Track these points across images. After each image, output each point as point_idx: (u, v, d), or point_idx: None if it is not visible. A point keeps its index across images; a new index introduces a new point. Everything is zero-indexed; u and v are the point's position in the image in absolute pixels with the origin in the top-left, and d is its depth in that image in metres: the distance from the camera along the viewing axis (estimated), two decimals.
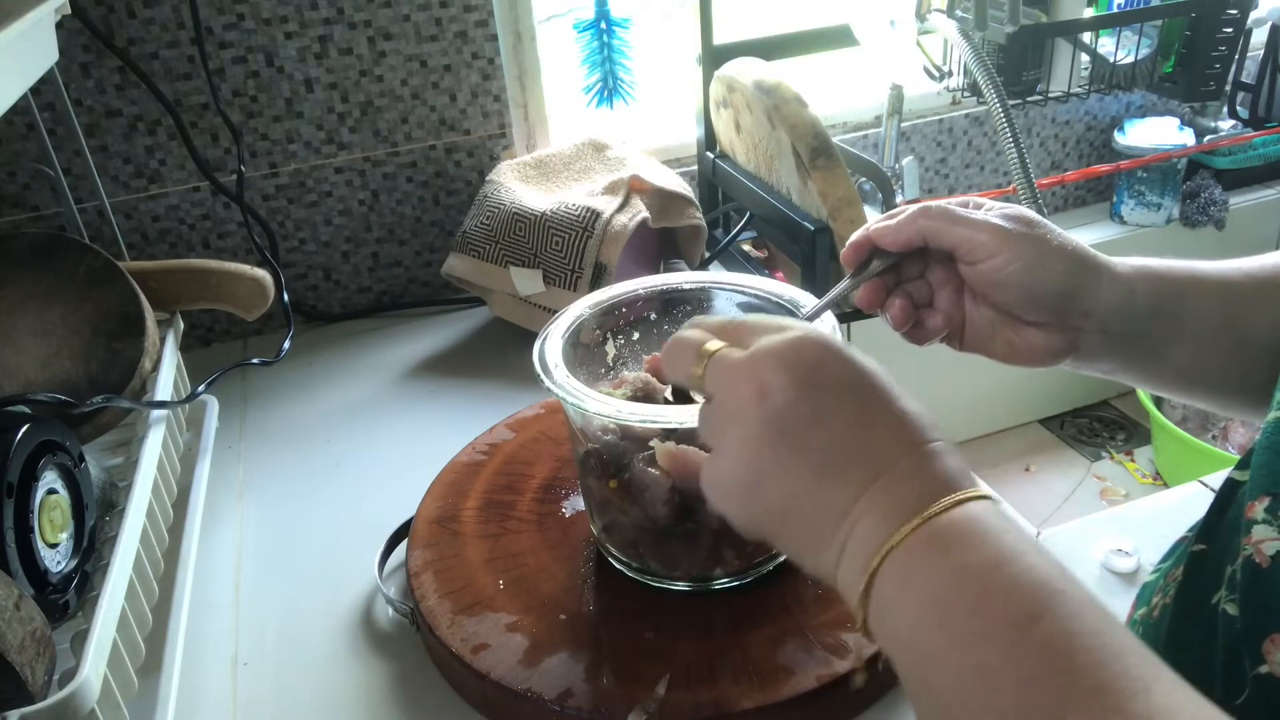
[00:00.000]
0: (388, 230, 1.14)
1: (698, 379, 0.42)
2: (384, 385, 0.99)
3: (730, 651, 0.59)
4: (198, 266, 0.89)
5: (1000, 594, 0.32)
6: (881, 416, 0.38)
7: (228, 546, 0.78)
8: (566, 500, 0.73)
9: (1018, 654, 0.31)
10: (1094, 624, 0.31)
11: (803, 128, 0.86)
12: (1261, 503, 0.40)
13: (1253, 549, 0.39)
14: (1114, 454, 1.44)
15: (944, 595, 0.33)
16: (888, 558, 0.35)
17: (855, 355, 0.40)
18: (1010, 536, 0.34)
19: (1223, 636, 0.40)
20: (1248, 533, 0.39)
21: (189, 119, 1.02)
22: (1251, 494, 0.41)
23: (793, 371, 0.38)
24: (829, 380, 0.38)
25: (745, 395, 0.39)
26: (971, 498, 0.36)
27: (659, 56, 1.24)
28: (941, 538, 0.35)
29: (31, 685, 0.48)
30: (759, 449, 0.38)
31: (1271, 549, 0.38)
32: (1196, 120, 1.42)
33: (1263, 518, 0.39)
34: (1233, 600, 0.40)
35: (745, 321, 0.43)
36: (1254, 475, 0.41)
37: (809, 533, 0.38)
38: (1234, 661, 0.39)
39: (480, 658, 0.60)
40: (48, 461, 0.59)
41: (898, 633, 0.35)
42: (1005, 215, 0.50)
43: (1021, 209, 0.51)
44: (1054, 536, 0.72)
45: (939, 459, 0.37)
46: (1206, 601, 0.42)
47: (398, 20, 1.04)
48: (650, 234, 1.06)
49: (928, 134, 1.35)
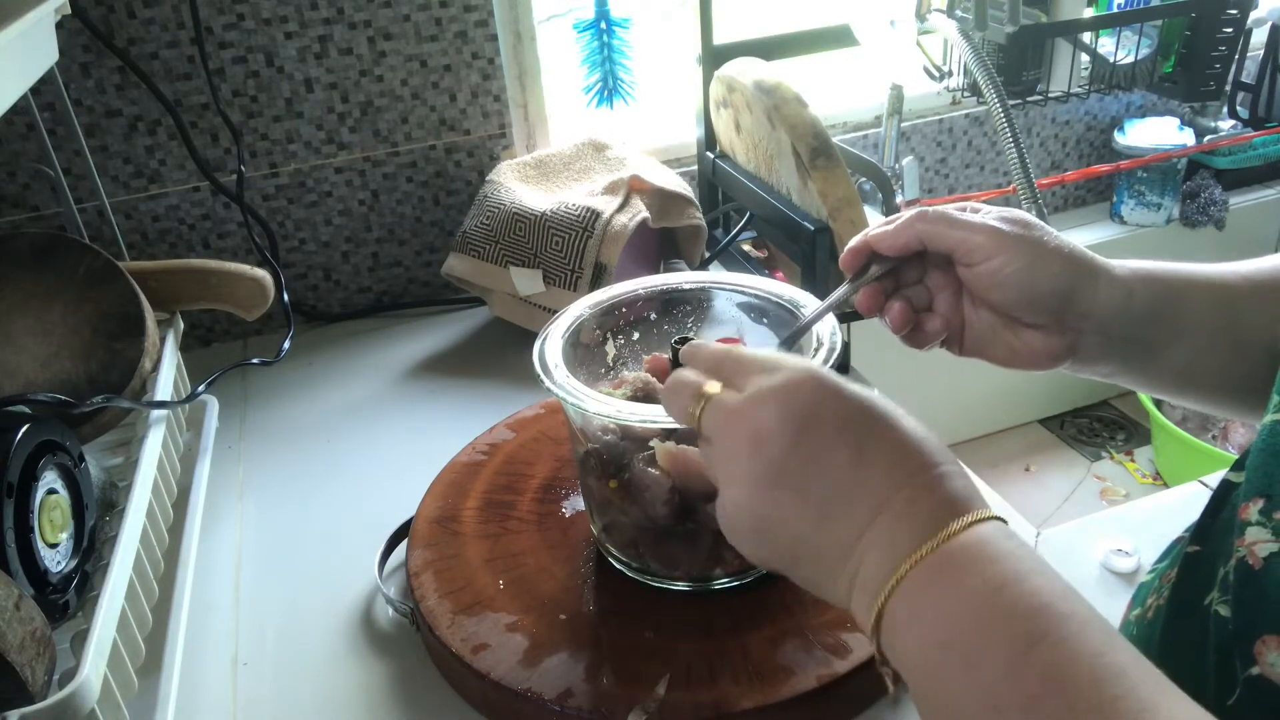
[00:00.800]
0: (388, 230, 1.14)
1: (696, 421, 0.42)
2: (384, 385, 0.99)
3: (730, 651, 0.59)
4: (198, 266, 0.89)
5: (1003, 617, 0.33)
6: (879, 451, 0.38)
7: (228, 546, 0.78)
8: (566, 500, 0.73)
9: (1021, 676, 0.31)
10: (1096, 645, 0.31)
11: (803, 128, 0.86)
12: (1256, 504, 0.40)
13: (1246, 550, 0.39)
14: (1114, 454, 1.44)
15: (949, 621, 0.34)
16: (894, 592, 0.36)
17: (850, 390, 0.40)
18: (1013, 559, 0.35)
19: (1214, 638, 0.40)
20: (1241, 534, 0.39)
21: (189, 119, 1.02)
22: (1246, 495, 0.41)
23: (787, 416, 0.38)
24: (824, 421, 0.38)
25: (742, 442, 0.39)
26: (976, 520, 0.36)
27: (659, 56, 1.24)
28: (946, 565, 0.35)
29: (31, 685, 0.48)
30: (760, 495, 0.39)
31: (1265, 550, 0.38)
32: (1196, 120, 1.42)
33: (1257, 519, 0.39)
34: (1225, 602, 0.40)
35: (741, 359, 0.43)
36: (1249, 477, 0.41)
37: (819, 570, 0.39)
38: (1225, 663, 0.39)
39: (480, 658, 0.60)
40: (48, 461, 0.59)
41: (908, 658, 0.35)
42: (1002, 218, 0.50)
43: (1018, 212, 0.51)
44: (1054, 536, 0.72)
45: (940, 486, 0.37)
46: (1199, 603, 0.42)
47: (398, 20, 1.04)
48: (650, 234, 1.06)
49: (928, 134, 1.35)
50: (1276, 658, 0.36)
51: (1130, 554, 0.68)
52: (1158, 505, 0.75)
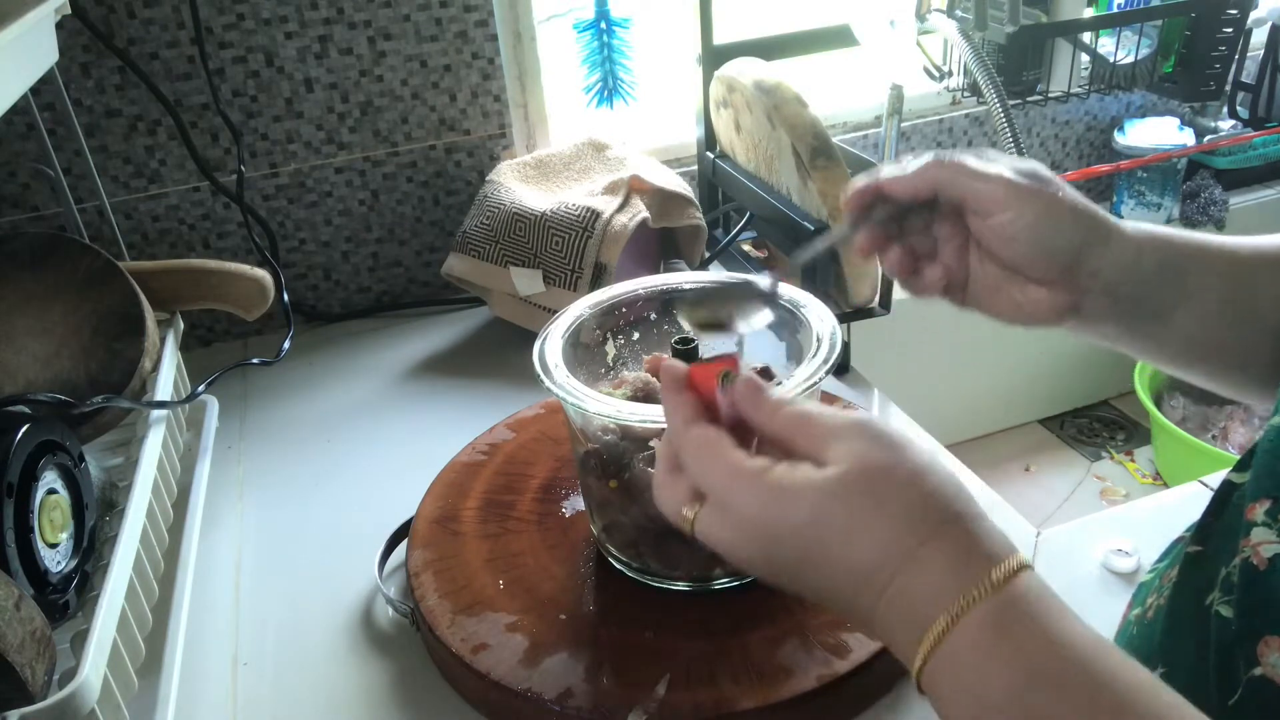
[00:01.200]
0: (388, 230, 1.14)
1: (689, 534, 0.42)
2: (384, 385, 0.99)
3: (730, 651, 0.59)
4: (198, 266, 0.89)
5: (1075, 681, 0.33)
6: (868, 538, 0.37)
7: (228, 546, 0.78)
8: (566, 500, 0.73)
9: None
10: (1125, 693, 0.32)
11: (803, 128, 0.86)
12: (1262, 505, 0.39)
13: (1251, 551, 0.39)
14: (1114, 454, 1.44)
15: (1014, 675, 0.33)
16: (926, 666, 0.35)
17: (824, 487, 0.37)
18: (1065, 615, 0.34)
19: (1216, 638, 0.40)
20: (1246, 534, 0.39)
21: (189, 119, 1.02)
22: (1252, 496, 0.40)
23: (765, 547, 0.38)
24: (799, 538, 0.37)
25: (735, 557, 0.40)
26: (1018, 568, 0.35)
27: (659, 56, 1.23)
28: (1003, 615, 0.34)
29: (31, 685, 0.48)
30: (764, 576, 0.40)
31: (1269, 551, 0.38)
32: (1196, 120, 1.42)
33: (1263, 520, 0.39)
34: (1226, 602, 0.40)
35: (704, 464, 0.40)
36: (1254, 478, 0.41)
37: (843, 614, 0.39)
38: (1227, 663, 0.39)
39: (480, 658, 0.60)
40: (48, 461, 0.59)
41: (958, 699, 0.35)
42: (1018, 170, 0.49)
43: (1032, 163, 0.50)
44: (1054, 536, 0.72)
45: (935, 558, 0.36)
46: (1201, 603, 0.42)
47: (398, 20, 1.04)
48: (650, 234, 1.06)
49: (928, 134, 1.35)
50: (1278, 659, 0.36)
51: (1130, 554, 0.68)
52: (1158, 505, 0.75)
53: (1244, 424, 1.33)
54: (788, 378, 0.58)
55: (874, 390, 0.93)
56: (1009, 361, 1.41)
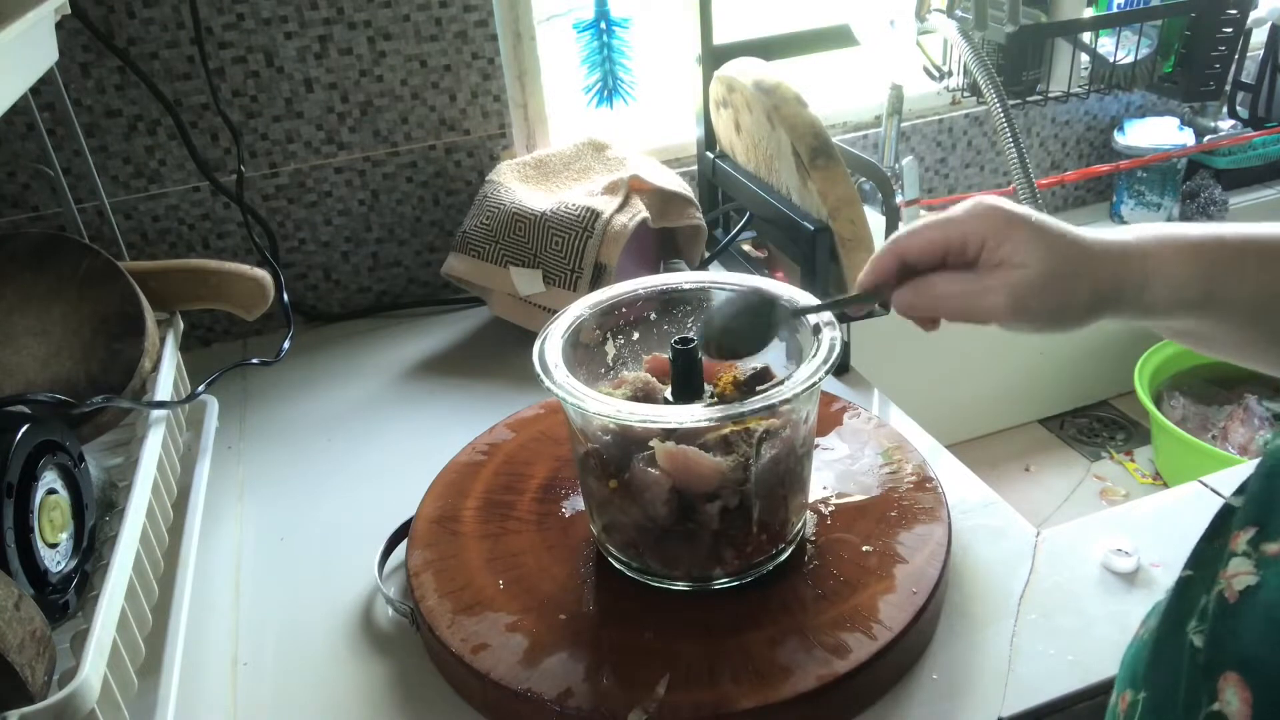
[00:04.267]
0: (388, 230, 1.14)
1: None
2: (384, 385, 0.99)
3: (730, 651, 0.59)
4: (197, 266, 0.89)
5: None
6: None
7: (228, 546, 0.78)
8: (566, 500, 0.73)
9: None
10: None
11: (803, 128, 0.86)
12: (1246, 534, 0.39)
13: (1225, 583, 0.38)
14: (1114, 454, 1.44)
15: None
16: None
17: None
18: None
19: (1187, 668, 0.39)
20: (1225, 565, 0.39)
21: (189, 119, 1.02)
22: (1240, 523, 0.40)
23: None
24: None
25: None
26: None
27: (659, 56, 1.23)
28: None
29: (31, 685, 0.48)
30: None
31: (1241, 584, 0.37)
32: (1196, 120, 1.42)
33: (1244, 550, 0.38)
34: (1200, 632, 0.39)
35: None
36: (1246, 503, 0.40)
37: None
38: (1193, 695, 0.38)
39: (480, 658, 0.60)
40: (48, 461, 0.59)
41: None
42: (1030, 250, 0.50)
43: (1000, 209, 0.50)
44: (1054, 536, 0.72)
45: None
46: (1183, 629, 0.41)
47: (398, 20, 1.04)
48: (650, 234, 1.06)
49: (928, 134, 1.35)
50: (1233, 695, 0.35)
51: (1130, 554, 0.68)
52: (1157, 505, 0.75)
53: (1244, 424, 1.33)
54: (788, 378, 0.58)
55: (874, 390, 0.93)
56: (1009, 361, 1.41)
